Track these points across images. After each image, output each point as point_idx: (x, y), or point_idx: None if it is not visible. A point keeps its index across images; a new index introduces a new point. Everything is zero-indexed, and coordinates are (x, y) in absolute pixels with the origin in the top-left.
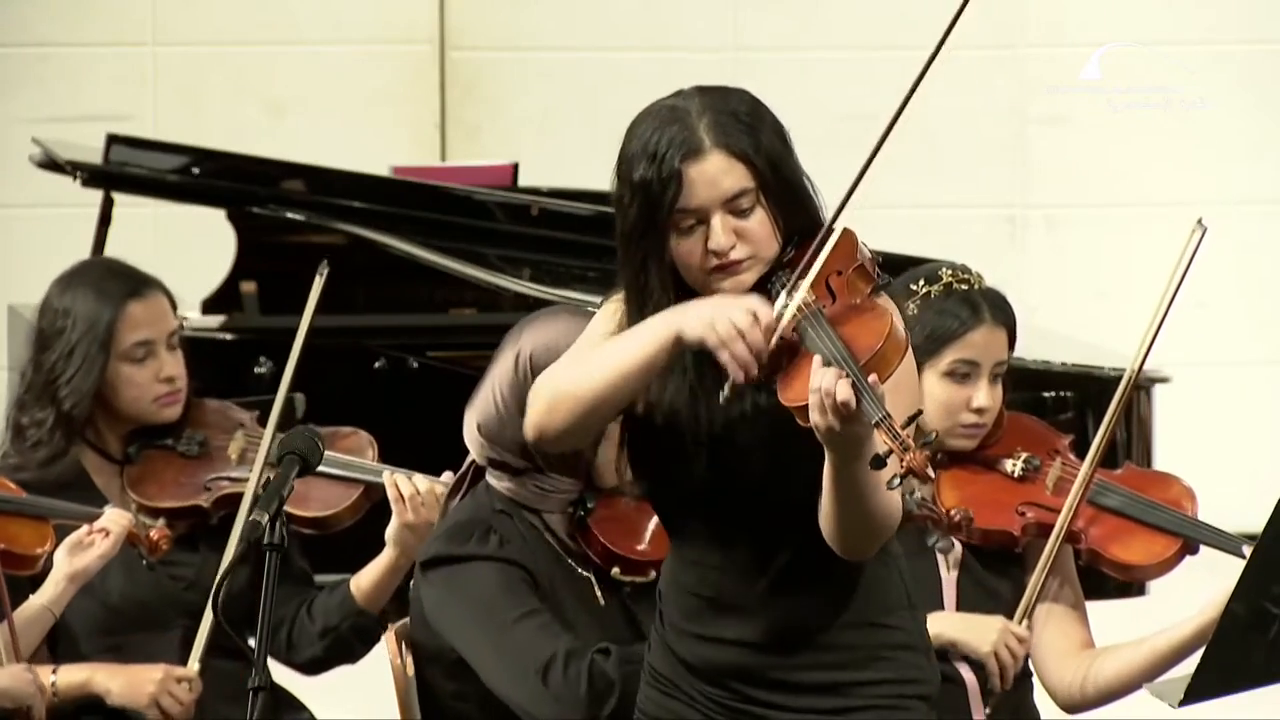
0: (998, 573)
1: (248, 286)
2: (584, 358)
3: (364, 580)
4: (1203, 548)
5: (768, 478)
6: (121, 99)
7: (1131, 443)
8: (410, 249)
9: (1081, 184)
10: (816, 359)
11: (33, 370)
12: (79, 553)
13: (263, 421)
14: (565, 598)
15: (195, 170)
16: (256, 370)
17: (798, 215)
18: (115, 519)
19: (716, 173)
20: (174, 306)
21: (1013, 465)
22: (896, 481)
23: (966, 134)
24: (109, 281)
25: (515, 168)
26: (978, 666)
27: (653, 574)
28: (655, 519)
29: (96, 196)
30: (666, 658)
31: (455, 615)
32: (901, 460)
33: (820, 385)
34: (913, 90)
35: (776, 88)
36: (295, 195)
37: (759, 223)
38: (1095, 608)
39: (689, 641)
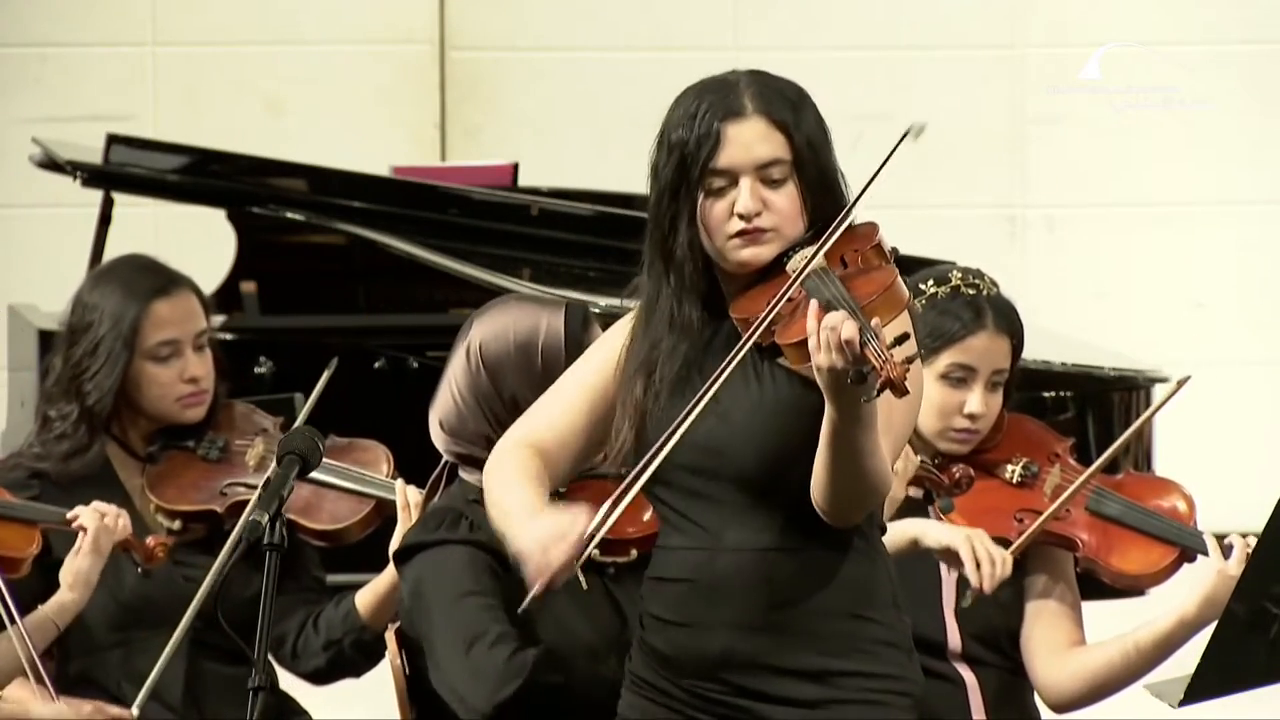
0: None
1: (248, 286)
2: (504, 483)
3: (367, 596)
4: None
5: (760, 459)
6: (121, 99)
7: (1130, 443)
8: (410, 249)
9: (1081, 184)
10: (814, 302)
11: (61, 364)
12: (70, 559)
13: (285, 428)
14: None
15: (195, 170)
16: (256, 370)
17: (826, 203)
18: (88, 516)
19: (754, 136)
20: (206, 308)
21: (1011, 471)
22: (875, 393)
23: (966, 133)
24: (138, 279)
25: (515, 168)
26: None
27: (633, 553)
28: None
29: (96, 196)
30: (648, 660)
31: (420, 597)
32: (880, 370)
33: (826, 323)
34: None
35: None
36: (295, 195)
37: (788, 197)
38: (1092, 607)
39: (673, 632)
